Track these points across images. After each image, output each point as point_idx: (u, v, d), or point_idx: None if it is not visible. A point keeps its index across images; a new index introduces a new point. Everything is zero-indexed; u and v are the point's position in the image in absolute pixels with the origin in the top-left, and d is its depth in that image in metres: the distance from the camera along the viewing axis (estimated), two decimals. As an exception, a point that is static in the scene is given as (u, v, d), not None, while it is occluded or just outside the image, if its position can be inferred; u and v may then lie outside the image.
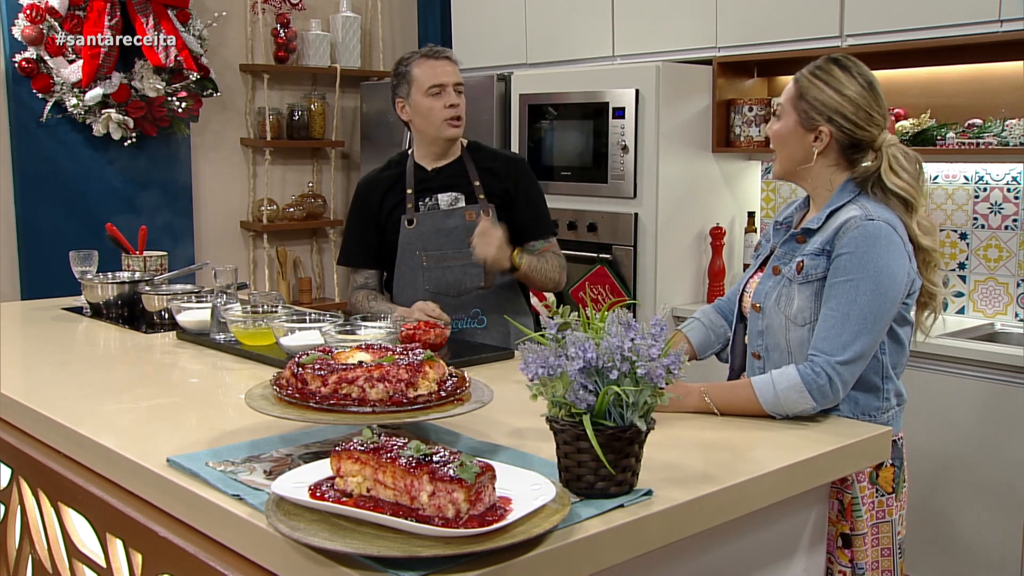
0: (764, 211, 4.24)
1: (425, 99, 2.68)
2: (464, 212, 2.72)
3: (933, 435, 3.12)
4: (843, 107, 1.93)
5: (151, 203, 4.59)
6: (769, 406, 1.85)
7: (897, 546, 2.00)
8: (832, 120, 1.94)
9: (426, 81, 2.67)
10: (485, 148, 2.86)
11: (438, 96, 2.67)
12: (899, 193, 1.92)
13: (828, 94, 1.94)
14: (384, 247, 2.79)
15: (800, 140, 1.99)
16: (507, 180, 2.76)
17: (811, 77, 1.97)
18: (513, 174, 2.78)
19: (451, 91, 2.68)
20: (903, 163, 1.94)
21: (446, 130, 2.69)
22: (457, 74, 2.72)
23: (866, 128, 1.94)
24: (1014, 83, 3.41)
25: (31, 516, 1.98)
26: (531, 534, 1.21)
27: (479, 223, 2.58)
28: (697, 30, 3.96)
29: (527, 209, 2.78)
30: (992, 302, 3.56)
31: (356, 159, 5.44)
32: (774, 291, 2.00)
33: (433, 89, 2.67)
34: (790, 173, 2.04)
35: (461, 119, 2.70)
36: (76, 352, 2.61)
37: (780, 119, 2.02)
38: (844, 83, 1.94)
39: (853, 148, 1.97)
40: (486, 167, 2.77)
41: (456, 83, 2.70)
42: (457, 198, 2.73)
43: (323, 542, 1.19)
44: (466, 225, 2.70)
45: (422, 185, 2.75)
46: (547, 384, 1.38)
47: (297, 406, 1.51)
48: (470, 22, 4.96)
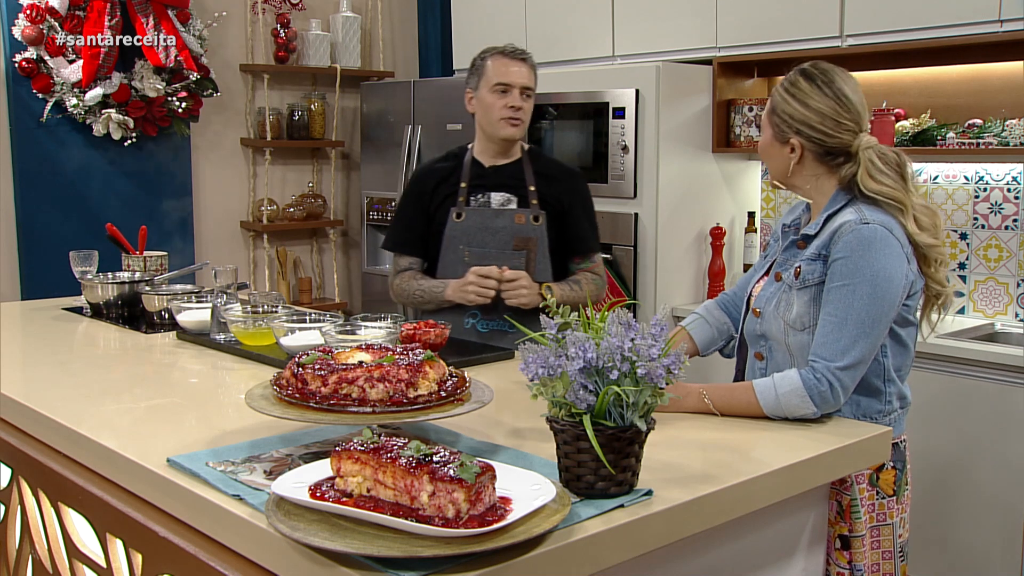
0: (764, 211, 4.24)
1: (489, 95, 2.67)
2: (514, 214, 2.70)
3: (932, 435, 3.12)
4: (809, 118, 1.94)
5: (151, 203, 4.60)
6: (770, 409, 1.85)
7: (898, 549, 2.00)
8: (800, 132, 1.96)
9: (494, 77, 2.66)
10: (545, 155, 2.86)
11: (502, 95, 2.66)
12: (879, 199, 1.91)
13: (794, 107, 1.96)
14: (430, 237, 2.78)
15: (778, 152, 2.02)
16: (562, 190, 2.74)
17: (781, 90, 2.00)
18: (569, 185, 2.76)
19: (516, 92, 2.66)
20: (880, 167, 1.93)
21: (503, 128, 2.67)
22: (528, 78, 2.68)
23: (836, 135, 1.94)
24: (1014, 83, 3.41)
25: (31, 516, 1.98)
26: (531, 534, 1.21)
27: (504, 273, 2.58)
28: (697, 30, 3.96)
29: (578, 222, 2.75)
30: (992, 302, 3.56)
31: (356, 159, 5.44)
32: (774, 297, 2.01)
33: (499, 86, 2.66)
34: (781, 182, 2.07)
35: (521, 121, 2.68)
36: (76, 352, 2.61)
37: (761, 133, 2.07)
38: (809, 94, 1.95)
39: (829, 155, 1.97)
40: (544, 174, 2.75)
41: (524, 86, 2.67)
42: (509, 199, 2.72)
43: (323, 542, 1.19)
44: (514, 227, 2.70)
45: (476, 180, 2.74)
46: (547, 384, 1.38)
47: (297, 406, 1.51)
48: (470, 22, 4.96)
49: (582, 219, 2.77)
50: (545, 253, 2.70)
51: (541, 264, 2.71)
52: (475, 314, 2.71)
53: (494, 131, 2.69)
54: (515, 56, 2.69)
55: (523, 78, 2.67)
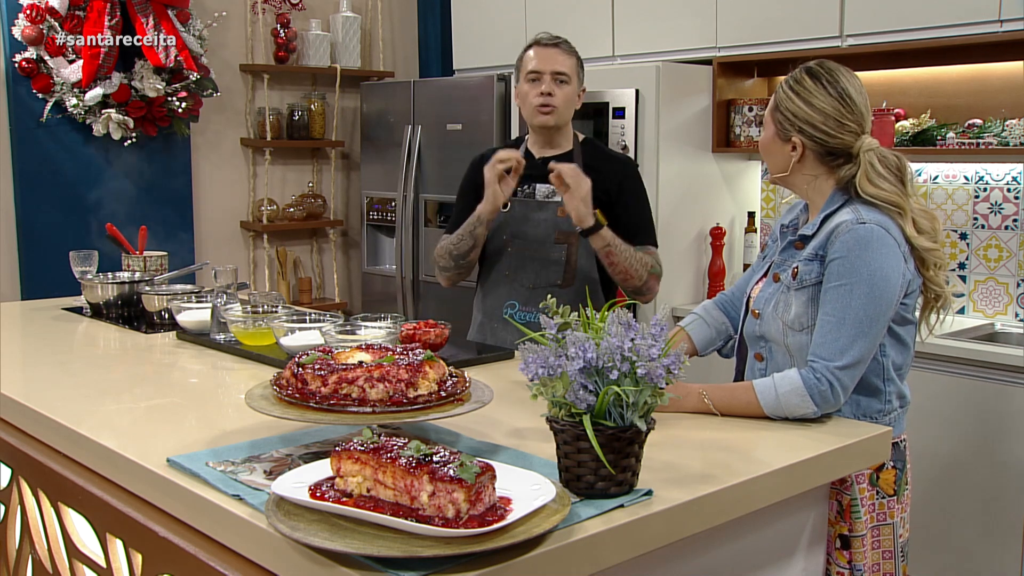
0: (764, 211, 4.24)
1: (525, 85, 2.66)
2: (557, 207, 2.66)
3: (932, 435, 3.12)
4: (812, 117, 1.94)
5: (151, 203, 4.60)
6: (770, 409, 1.85)
7: (899, 549, 2.00)
8: (803, 131, 1.95)
9: (527, 66, 2.66)
10: (600, 146, 2.82)
11: (535, 82, 2.64)
12: (877, 203, 1.90)
13: (798, 105, 1.95)
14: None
15: (779, 150, 2.01)
16: (612, 181, 2.67)
17: (786, 88, 1.99)
18: (620, 176, 2.69)
19: (548, 78, 2.62)
20: (879, 170, 1.92)
21: (536, 116, 2.65)
22: (560, 62, 2.63)
23: (838, 135, 1.93)
24: (1014, 83, 3.41)
25: (31, 516, 1.98)
26: (531, 534, 1.21)
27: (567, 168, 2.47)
28: (697, 30, 3.96)
29: (628, 213, 2.68)
30: (992, 302, 3.56)
31: (356, 159, 5.44)
32: (773, 298, 2.01)
33: (531, 75, 2.64)
34: (779, 181, 2.06)
35: (553, 107, 2.63)
36: (76, 352, 2.61)
37: (763, 130, 2.06)
38: (814, 93, 1.94)
39: (830, 156, 1.96)
40: (595, 165, 2.66)
41: (556, 72, 2.62)
42: (554, 191, 2.64)
43: (323, 542, 1.19)
44: (555, 221, 2.66)
45: (527, 171, 2.66)
46: (547, 384, 1.38)
47: (297, 406, 1.51)
48: (470, 22, 4.96)
49: (633, 209, 2.69)
50: (589, 249, 2.62)
51: (583, 259, 2.66)
52: (513, 304, 2.70)
53: (531, 120, 2.68)
54: (547, 43, 2.67)
55: (553, 63, 2.63)
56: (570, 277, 2.68)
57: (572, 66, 2.66)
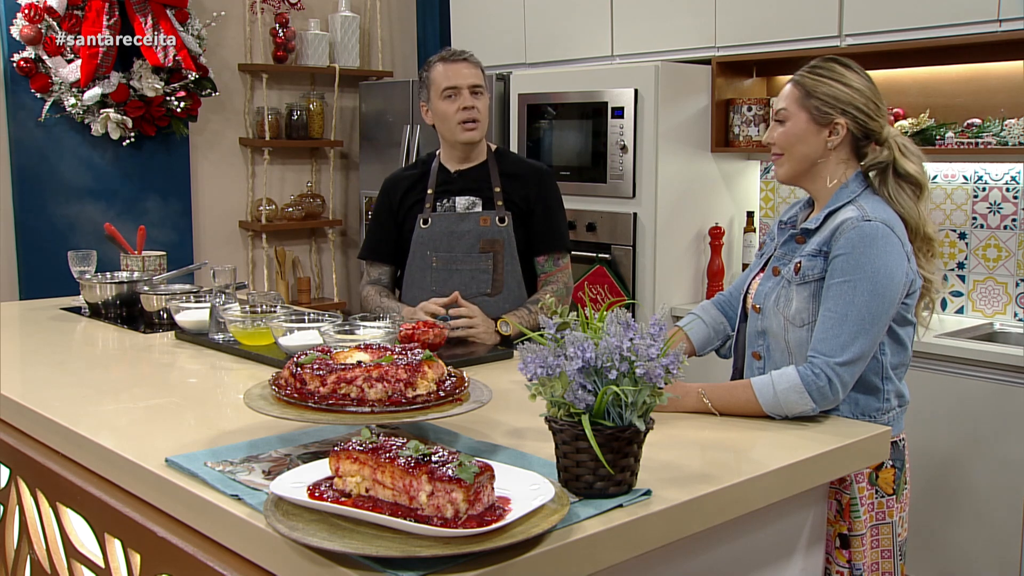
0: (763, 211, 4.24)
1: (442, 102, 2.67)
2: (479, 217, 2.70)
3: (932, 435, 3.12)
4: (855, 99, 1.97)
5: (150, 203, 4.59)
6: (769, 407, 1.85)
7: (898, 548, 2.00)
8: (847, 112, 1.97)
9: (441, 83, 2.66)
10: (512, 155, 2.85)
11: (452, 99, 2.65)
12: (913, 177, 1.96)
13: (839, 88, 1.97)
14: (401, 244, 2.79)
15: (815, 137, 2.00)
16: (528, 189, 2.73)
17: (815, 76, 2.00)
18: (535, 183, 2.74)
19: (465, 93, 2.65)
20: (911, 148, 1.99)
21: (461, 133, 2.67)
22: (474, 76, 2.68)
23: (876, 119, 1.98)
24: (1013, 83, 3.41)
25: (29, 516, 1.98)
26: (530, 534, 1.21)
27: (460, 308, 2.55)
28: (696, 30, 3.96)
29: (543, 220, 2.74)
30: (991, 302, 3.56)
31: (355, 159, 5.44)
32: (773, 292, 2.01)
33: (448, 91, 2.65)
34: (801, 174, 2.04)
35: (477, 122, 2.67)
36: (74, 352, 2.60)
37: (786, 122, 2.02)
38: (849, 77, 1.98)
39: (865, 139, 2.00)
40: (510, 173, 2.74)
41: (472, 85, 2.66)
42: (474, 202, 2.71)
43: (322, 542, 1.19)
44: (479, 230, 2.69)
45: (443, 187, 2.74)
46: (546, 384, 1.38)
47: (296, 406, 1.51)
48: (469, 22, 4.96)
49: (547, 217, 2.75)
50: (513, 254, 2.69)
51: (509, 266, 2.70)
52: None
53: (454, 137, 2.69)
54: (456, 58, 2.69)
55: (469, 77, 2.66)
56: (499, 285, 2.71)
57: (483, 78, 2.71)
